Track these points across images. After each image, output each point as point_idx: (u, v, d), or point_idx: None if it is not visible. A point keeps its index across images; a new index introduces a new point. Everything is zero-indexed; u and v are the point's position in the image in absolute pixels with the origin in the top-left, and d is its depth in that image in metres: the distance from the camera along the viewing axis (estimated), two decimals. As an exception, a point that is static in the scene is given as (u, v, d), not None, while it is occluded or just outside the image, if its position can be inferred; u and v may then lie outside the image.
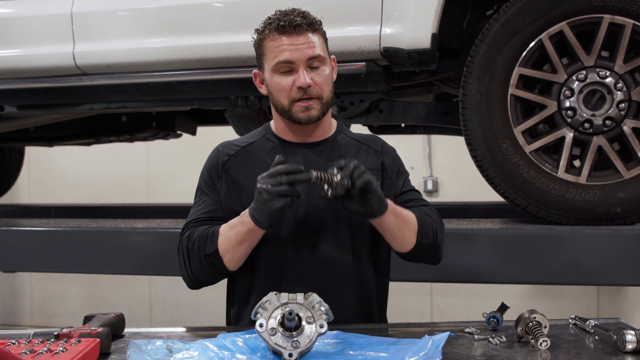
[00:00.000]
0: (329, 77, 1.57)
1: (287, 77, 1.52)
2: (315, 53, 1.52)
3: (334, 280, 1.57)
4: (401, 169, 1.70)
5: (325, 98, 1.55)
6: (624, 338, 1.29)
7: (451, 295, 4.96)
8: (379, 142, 1.71)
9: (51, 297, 5.81)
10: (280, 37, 1.51)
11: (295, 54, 1.50)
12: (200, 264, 1.53)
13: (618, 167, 2.17)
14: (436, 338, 1.29)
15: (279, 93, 1.54)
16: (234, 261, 1.52)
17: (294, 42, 1.50)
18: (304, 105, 1.53)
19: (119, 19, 2.69)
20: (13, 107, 3.10)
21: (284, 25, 1.50)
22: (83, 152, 5.02)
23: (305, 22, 1.52)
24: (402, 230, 1.52)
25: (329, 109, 1.60)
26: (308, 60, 1.51)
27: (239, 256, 1.52)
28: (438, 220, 1.62)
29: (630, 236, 2.06)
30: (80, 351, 1.21)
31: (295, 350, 1.21)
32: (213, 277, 1.57)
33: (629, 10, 2.12)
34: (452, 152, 4.84)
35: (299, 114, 1.54)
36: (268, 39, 1.53)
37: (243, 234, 1.48)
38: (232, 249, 1.50)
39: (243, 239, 1.48)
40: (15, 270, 3.16)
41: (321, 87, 1.54)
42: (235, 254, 1.51)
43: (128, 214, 3.83)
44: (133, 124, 3.55)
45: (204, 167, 1.67)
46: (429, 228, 1.56)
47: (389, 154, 1.69)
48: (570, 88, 2.19)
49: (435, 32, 2.29)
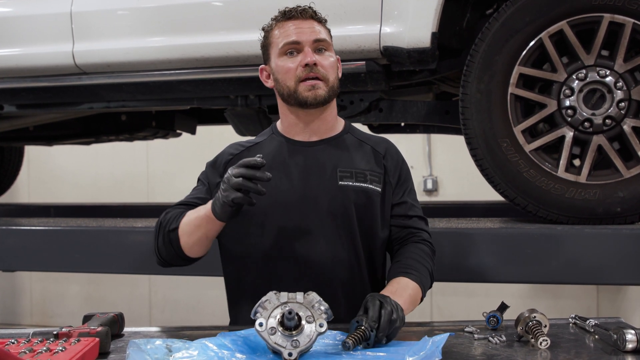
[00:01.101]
0: (334, 64, 1.59)
1: (293, 58, 1.56)
2: (321, 36, 1.57)
3: (330, 281, 1.57)
4: (403, 177, 1.68)
5: (331, 82, 1.57)
6: (624, 337, 1.29)
7: (451, 295, 4.95)
8: (383, 145, 1.70)
9: (51, 297, 5.81)
10: (287, 22, 1.57)
11: (302, 36, 1.55)
12: (163, 239, 1.56)
13: (618, 166, 2.17)
14: (436, 339, 1.29)
15: (285, 75, 1.57)
16: (189, 245, 1.53)
17: (300, 25, 1.56)
18: (311, 84, 1.55)
19: (119, 18, 2.69)
20: (12, 106, 3.10)
21: (291, 11, 1.57)
22: (83, 151, 5.02)
23: (312, 10, 1.58)
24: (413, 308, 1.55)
25: (334, 95, 1.61)
26: (314, 43, 1.56)
27: (193, 240, 1.53)
28: (432, 257, 1.63)
29: (630, 235, 2.06)
30: (79, 350, 1.21)
31: (295, 350, 1.20)
32: (173, 256, 1.58)
33: (629, 9, 2.12)
34: (452, 151, 4.84)
35: (305, 92, 1.55)
36: (275, 28, 1.59)
37: (201, 218, 1.49)
38: (190, 231, 1.52)
39: (199, 223, 1.50)
40: (15, 269, 3.16)
41: (326, 69, 1.56)
42: (191, 238, 1.52)
43: (128, 213, 3.83)
44: (133, 123, 3.55)
45: (206, 164, 1.70)
46: (427, 279, 1.58)
47: (393, 159, 1.68)
48: (570, 87, 2.19)
49: (435, 31, 2.29)
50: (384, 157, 1.67)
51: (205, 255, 1.62)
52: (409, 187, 1.69)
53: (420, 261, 1.58)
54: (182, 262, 1.60)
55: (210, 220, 1.47)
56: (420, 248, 1.62)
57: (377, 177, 1.62)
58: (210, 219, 1.47)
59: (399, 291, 1.48)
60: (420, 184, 5.03)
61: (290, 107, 1.61)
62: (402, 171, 1.68)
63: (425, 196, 5.05)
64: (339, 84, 1.62)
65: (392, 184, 1.65)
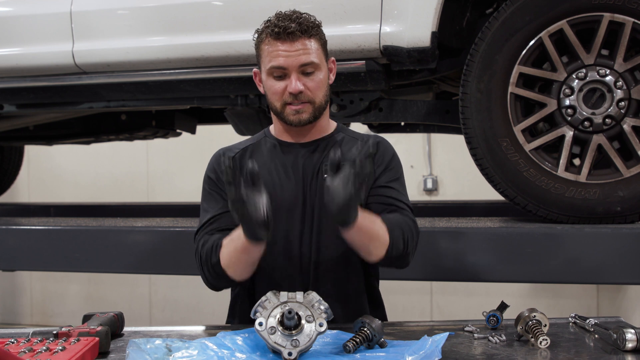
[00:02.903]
0: (322, 83, 1.57)
1: (280, 81, 1.55)
2: (309, 60, 1.53)
3: (328, 280, 1.58)
4: (391, 166, 1.65)
5: (317, 102, 1.57)
6: (624, 337, 1.29)
7: (451, 294, 4.95)
8: (375, 139, 1.69)
9: (51, 296, 5.81)
10: (275, 42, 1.53)
11: (288, 61, 1.52)
12: (210, 272, 1.54)
13: (618, 165, 2.17)
14: (436, 338, 1.29)
15: (272, 96, 1.58)
16: (238, 273, 1.51)
17: (287, 48, 1.52)
18: (295, 109, 1.56)
19: (119, 17, 2.68)
20: (12, 105, 3.10)
21: (278, 32, 1.52)
22: (82, 150, 5.01)
23: (300, 29, 1.52)
24: (367, 246, 1.47)
25: (322, 112, 1.61)
26: (300, 67, 1.53)
27: (242, 269, 1.51)
28: (412, 230, 1.55)
29: (630, 235, 2.05)
30: (79, 350, 1.21)
31: (295, 349, 1.20)
32: (226, 283, 1.56)
33: (629, 9, 2.12)
34: (452, 150, 4.84)
35: (290, 116, 1.57)
36: (264, 42, 1.56)
37: (240, 249, 1.45)
38: (233, 263, 1.49)
39: (240, 253, 1.46)
40: (14, 269, 3.15)
41: (313, 92, 1.56)
42: (238, 267, 1.50)
43: (127, 213, 3.83)
44: (132, 122, 3.54)
45: (206, 172, 1.68)
46: (400, 241, 1.50)
47: (381, 150, 1.65)
48: (570, 86, 2.19)
49: (435, 31, 2.29)
50: (375, 148, 1.65)
51: None
52: (397, 177, 1.65)
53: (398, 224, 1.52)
54: (239, 283, 1.58)
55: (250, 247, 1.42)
56: (397, 220, 1.54)
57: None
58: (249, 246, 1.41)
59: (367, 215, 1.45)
60: (420, 184, 5.03)
61: (279, 120, 1.63)
62: (390, 162, 1.65)
63: (425, 196, 5.05)
64: (328, 97, 1.61)
65: (376, 173, 1.62)
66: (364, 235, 1.43)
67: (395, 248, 1.48)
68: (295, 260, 1.59)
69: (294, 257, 1.59)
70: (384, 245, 1.47)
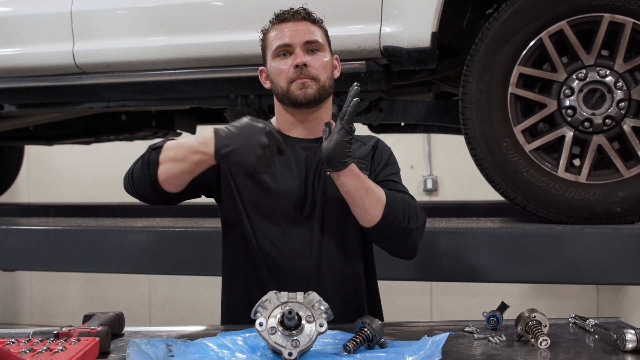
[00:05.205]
0: (327, 64, 1.61)
1: (285, 59, 1.59)
2: (313, 38, 1.59)
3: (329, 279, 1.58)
4: (390, 162, 1.69)
5: (322, 81, 1.59)
6: (624, 337, 1.29)
7: (451, 294, 4.96)
8: (374, 140, 1.73)
9: (51, 296, 5.81)
10: (280, 25, 1.60)
11: (294, 38, 1.58)
12: (143, 157, 1.49)
13: (618, 166, 2.17)
14: (436, 338, 1.29)
15: (278, 76, 1.60)
16: (166, 174, 1.44)
17: (292, 27, 1.59)
18: (301, 82, 1.57)
19: (119, 17, 2.69)
20: (13, 105, 3.10)
21: (284, 13, 1.60)
22: (83, 151, 5.02)
23: (304, 13, 1.61)
24: (363, 198, 1.47)
25: (327, 94, 1.62)
26: (305, 44, 1.58)
27: (173, 172, 1.44)
28: (416, 208, 1.55)
29: (630, 235, 2.06)
30: (79, 350, 1.21)
31: (295, 350, 1.20)
32: (143, 182, 1.48)
33: (629, 9, 2.12)
34: (452, 151, 4.84)
35: (296, 91, 1.58)
36: (270, 30, 1.62)
37: (192, 149, 1.41)
38: (174, 156, 1.43)
39: (186, 154, 1.41)
40: (15, 269, 3.15)
41: (318, 69, 1.58)
42: (172, 168, 1.44)
43: (128, 213, 3.82)
44: (133, 122, 3.55)
45: None
46: (399, 208, 1.49)
47: (379, 150, 1.70)
48: (570, 87, 2.19)
49: (435, 31, 2.29)
50: (373, 149, 1.69)
51: (174, 199, 1.54)
52: (395, 171, 1.68)
53: (399, 196, 1.53)
54: (151, 195, 1.51)
55: (203, 154, 1.39)
56: (401, 196, 1.55)
57: (364, 165, 1.64)
58: (203, 152, 1.39)
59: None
60: (420, 184, 5.04)
61: (285, 106, 1.64)
62: (389, 159, 1.69)
63: (425, 196, 5.06)
64: (332, 84, 1.63)
65: (376, 170, 1.66)
66: (358, 183, 1.46)
67: (393, 213, 1.48)
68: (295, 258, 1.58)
69: (296, 252, 1.58)
70: (380, 202, 1.47)
